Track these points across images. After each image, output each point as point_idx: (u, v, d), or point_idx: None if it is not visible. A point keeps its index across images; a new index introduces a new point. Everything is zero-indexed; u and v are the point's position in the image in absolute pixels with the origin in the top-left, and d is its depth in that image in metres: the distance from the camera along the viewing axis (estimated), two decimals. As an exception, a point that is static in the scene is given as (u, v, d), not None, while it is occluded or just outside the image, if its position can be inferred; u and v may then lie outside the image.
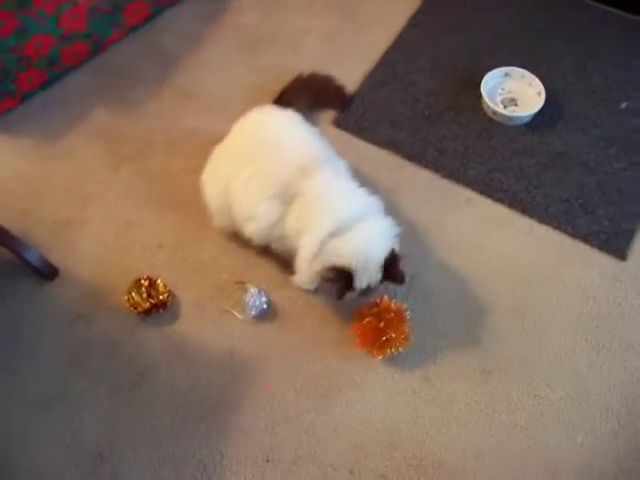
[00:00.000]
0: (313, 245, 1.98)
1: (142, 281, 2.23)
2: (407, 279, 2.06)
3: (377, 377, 2.11)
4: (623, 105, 2.67)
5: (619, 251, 2.32)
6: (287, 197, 2.01)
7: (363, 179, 2.16)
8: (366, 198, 2.06)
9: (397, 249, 2.03)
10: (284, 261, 2.22)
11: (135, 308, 2.20)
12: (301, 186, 1.99)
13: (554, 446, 1.99)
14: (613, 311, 2.22)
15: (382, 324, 2.08)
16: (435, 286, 2.27)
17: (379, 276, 2.01)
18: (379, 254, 1.98)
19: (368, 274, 1.98)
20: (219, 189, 2.15)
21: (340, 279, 1.97)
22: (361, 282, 1.99)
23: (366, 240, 1.97)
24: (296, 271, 2.11)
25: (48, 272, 2.30)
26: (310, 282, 2.16)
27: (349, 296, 2.03)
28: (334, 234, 1.96)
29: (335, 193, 2.01)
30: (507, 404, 2.06)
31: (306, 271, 2.06)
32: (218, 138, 2.23)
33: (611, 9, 2.99)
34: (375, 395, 2.08)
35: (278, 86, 2.42)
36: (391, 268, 2.01)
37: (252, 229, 2.11)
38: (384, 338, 2.07)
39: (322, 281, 2.05)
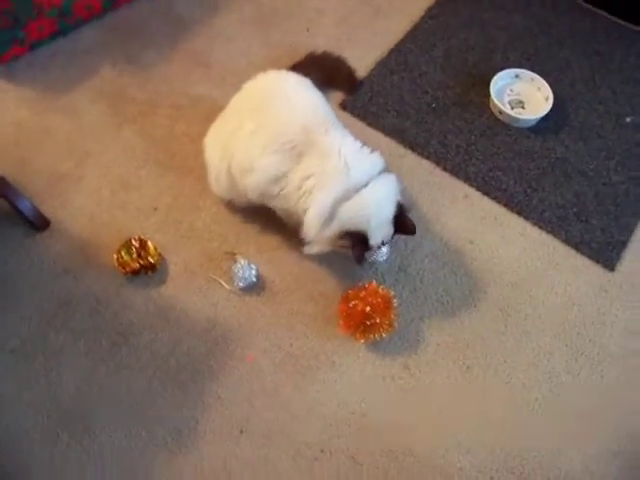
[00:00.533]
0: (325, 208, 1.97)
1: (133, 241, 2.23)
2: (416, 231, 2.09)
3: (357, 360, 2.12)
4: (628, 119, 2.68)
5: (608, 262, 2.34)
6: (292, 155, 1.99)
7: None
8: (371, 157, 2.06)
9: (402, 201, 2.08)
10: (280, 226, 2.24)
11: (123, 268, 2.20)
12: (309, 146, 1.98)
13: (524, 446, 2.01)
14: (596, 320, 2.23)
15: (368, 308, 2.08)
16: (424, 276, 2.27)
17: (391, 231, 2.06)
18: (389, 211, 2.02)
19: (381, 231, 2.02)
20: (220, 150, 2.15)
21: (357, 244, 2.00)
22: (376, 240, 2.03)
23: (376, 201, 1.99)
24: (304, 237, 2.08)
25: (39, 223, 2.29)
26: (322, 248, 2.12)
27: (367, 255, 2.11)
28: (345, 197, 1.97)
29: (345, 155, 1.99)
30: (482, 400, 2.08)
31: (317, 236, 2.04)
32: (223, 108, 2.22)
33: (626, 23, 3.00)
34: (353, 378, 2.09)
35: (289, 62, 2.38)
36: (401, 222, 2.05)
37: (251, 182, 2.07)
38: (368, 322, 2.08)
39: (337, 247, 2.07)
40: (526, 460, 1.99)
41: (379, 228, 2.01)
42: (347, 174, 1.97)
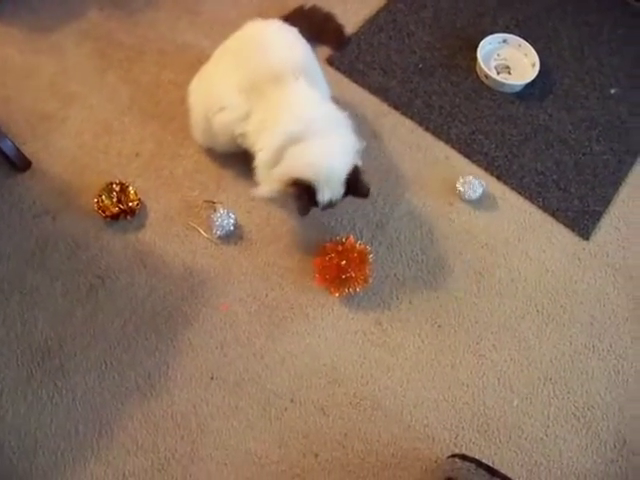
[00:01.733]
0: (271, 146, 1.97)
1: (114, 185, 2.23)
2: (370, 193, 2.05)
3: (330, 314, 2.14)
4: (612, 91, 2.70)
5: (583, 231, 2.37)
6: (258, 95, 1.99)
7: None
8: (333, 111, 2.05)
9: (360, 165, 2.02)
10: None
11: (103, 211, 2.20)
12: (271, 88, 1.98)
13: (490, 405, 2.05)
14: (568, 287, 2.27)
15: (344, 262, 2.11)
16: (401, 234, 2.29)
17: (342, 191, 2.00)
18: (341, 168, 1.97)
19: (331, 188, 1.97)
20: (202, 96, 2.16)
21: (302, 194, 1.96)
22: (324, 196, 1.98)
23: (328, 152, 1.97)
24: (257, 180, 2.08)
25: (20, 164, 2.28)
26: (270, 191, 2.07)
27: (312, 211, 2.03)
28: (294, 139, 1.95)
29: (300, 98, 1.99)
30: (452, 359, 2.11)
31: (265, 178, 2.04)
32: (211, 57, 2.20)
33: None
34: (326, 331, 2.12)
35: (278, 15, 2.35)
36: (354, 183, 2.00)
37: (221, 120, 2.09)
38: (343, 276, 2.11)
39: (284, 194, 2.03)
40: (491, 419, 2.03)
41: (328, 184, 1.96)
42: (295, 117, 1.95)
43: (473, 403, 2.06)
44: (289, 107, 1.97)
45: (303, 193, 1.96)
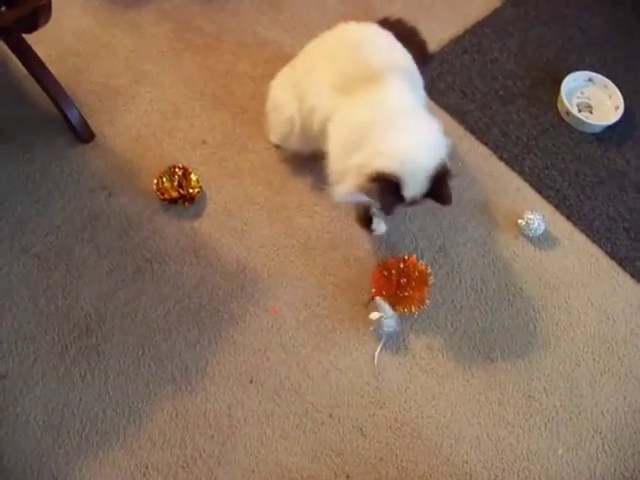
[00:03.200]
0: (348, 131, 1.85)
1: (177, 169, 2.18)
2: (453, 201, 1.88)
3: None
4: (695, 145, 2.62)
5: (650, 284, 2.29)
6: (345, 93, 1.89)
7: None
8: (422, 108, 1.94)
9: (448, 165, 1.86)
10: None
11: (162, 194, 2.16)
12: (364, 86, 1.87)
13: (534, 450, 1.96)
14: (628, 339, 2.18)
15: (403, 280, 2.04)
16: (462, 261, 2.22)
17: (425, 189, 1.81)
18: (428, 161, 1.79)
19: (417, 182, 1.79)
20: (289, 93, 2.08)
21: (387, 189, 1.78)
22: (409, 191, 1.79)
23: (415, 143, 1.81)
24: (330, 176, 1.96)
25: (84, 135, 2.25)
26: (349, 189, 1.87)
27: (398, 209, 1.86)
28: (373, 124, 1.82)
29: (388, 90, 1.87)
30: (500, 396, 2.03)
31: (339, 176, 1.90)
32: (290, 55, 2.17)
33: None
34: (374, 349, 2.04)
35: (363, 22, 2.35)
36: (440, 182, 1.81)
37: (310, 119, 1.99)
38: (401, 294, 2.04)
39: (364, 191, 1.82)
40: (533, 465, 1.94)
41: (414, 177, 1.77)
42: (385, 106, 1.84)
43: (517, 445, 1.96)
44: (374, 96, 1.86)
45: (388, 188, 1.77)
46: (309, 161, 2.14)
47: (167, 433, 1.87)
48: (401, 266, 2.08)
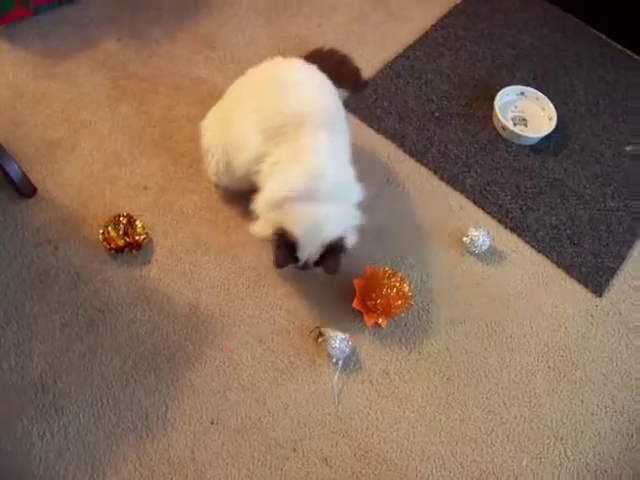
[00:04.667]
0: (274, 195, 1.94)
1: (121, 218, 2.18)
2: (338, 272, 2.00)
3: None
4: (628, 148, 2.68)
5: (597, 287, 2.32)
6: (273, 136, 1.95)
7: (362, 165, 2.12)
8: (345, 175, 2.01)
9: (350, 241, 2.02)
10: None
11: (109, 243, 2.14)
12: (290, 132, 1.93)
13: (498, 464, 1.98)
14: (580, 344, 2.22)
15: (389, 291, 2.12)
16: (411, 284, 2.22)
17: (317, 255, 1.98)
18: (327, 235, 1.95)
19: (310, 249, 1.95)
20: (218, 132, 2.11)
21: (284, 245, 1.93)
22: (303, 254, 1.96)
23: (323, 215, 1.93)
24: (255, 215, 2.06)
25: (26, 189, 2.22)
26: (261, 233, 2.03)
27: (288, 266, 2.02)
28: (298, 198, 1.92)
29: (317, 155, 1.94)
30: (461, 413, 2.05)
31: (261, 219, 2.01)
32: (222, 94, 2.18)
33: (636, 56, 3.02)
34: (332, 379, 2.05)
35: (296, 55, 2.34)
36: (331, 255, 1.97)
37: (238, 160, 2.04)
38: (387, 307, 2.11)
39: (269, 240, 2.01)
40: (499, 478, 1.96)
41: (311, 244, 1.94)
42: (312, 179, 1.91)
43: (481, 460, 1.99)
44: (305, 167, 1.93)
45: (284, 244, 1.94)
46: (251, 197, 2.14)
47: (132, 484, 1.86)
48: (379, 275, 2.14)
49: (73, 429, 1.89)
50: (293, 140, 1.93)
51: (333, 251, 1.96)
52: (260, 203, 2.00)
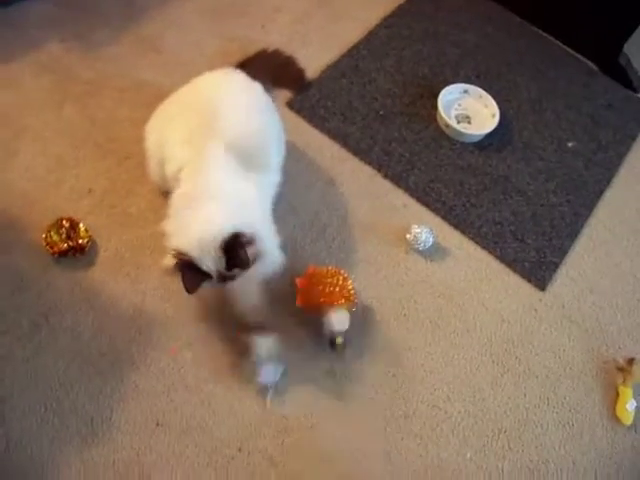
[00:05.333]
0: (173, 205, 1.91)
1: (64, 221, 2.16)
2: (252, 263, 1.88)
3: (283, 362, 2.08)
4: (570, 144, 2.73)
5: (540, 282, 2.36)
6: (191, 152, 1.95)
7: (305, 165, 2.14)
8: (242, 184, 1.95)
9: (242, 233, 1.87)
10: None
11: (51, 247, 2.13)
12: (200, 155, 1.93)
13: (444, 458, 2.01)
14: (524, 338, 2.25)
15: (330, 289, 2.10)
16: (355, 282, 2.21)
17: (223, 260, 1.83)
18: (212, 236, 1.81)
19: (209, 258, 1.82)
20: (157, 137, 2.10)
21: (184, 267, 1.82)
22: (208, 266, 1.83)
23: (201, 220, 1.84)
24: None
25: (-33, 195, 2.21)
26: (168, 260, 1.90)
27: (204, 285, 1.88)
28: (190, 200, 1.88)
29: (212, 164, 1.92)
30: (405, 410, 2.07)
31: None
32: (169, 95, 2.16)
33: (577, 55, 3.09)
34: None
35: (241, 57, 2.34)
36: (232, 251, 1.81)
37: (168, 171, 2.03)
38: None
39: (172, 271, 1.88)
40: (445, 472, 1.99)
41: (205, 253, 1.81)
42: (199, 181, 1.90)
43: (426, 455, 2.01)
44: (198, 171, 1.92)
45: (184, 267, 1.83)
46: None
47: (76, 489, 1.85)
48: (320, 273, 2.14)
49: (15, 437, 1.87)
50: (200, 160, 1.93)
51: (234, 248, 1.82)
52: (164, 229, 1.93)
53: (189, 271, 1.81)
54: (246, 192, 1.96)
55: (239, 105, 2.06)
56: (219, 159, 1.93)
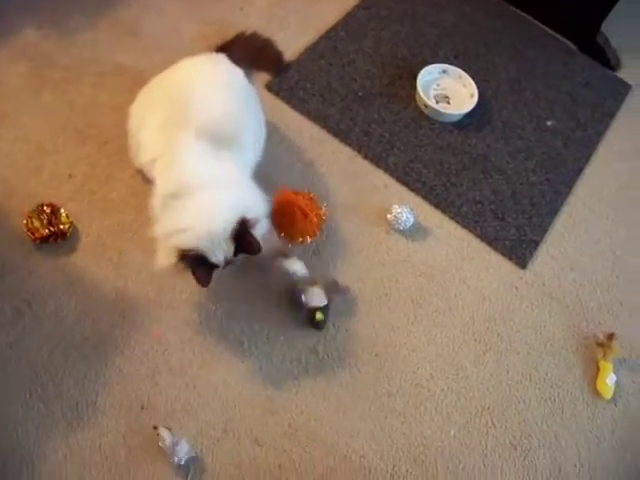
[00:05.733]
0: (156, 205, 1.90)
1: (44, 207, 2.16)
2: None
3: (266, 343, 2.10)
4: (549, 123, 2.76)
5: (520, 260, 2.39)
6: (166, 141, 1.94)
7: (285, 147, 2.14)
8: (221, 165, 1.95)
9: (257, 217, 1.92)
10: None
11: (33, 234, 2.13)
12: (175, 138, 1.92)
13: (427, 435, 2.03)
14: (505, 316, 2.28)
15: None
16: (337, 262, 2.27)
17: (232, 249, 1.88)
18: (221, 226, 1.84)
19: (220, 248, 1.86)
20: (138, 120, 2.10)
21: (194, 263, 1.84)
22: (217, 257, 1.87)
23: (203, 213, 1.86)
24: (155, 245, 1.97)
25: (-53, 183, 2.20)
26: (166, 262, 1.89)
27: (216, 273, 1.91)
28: (174, 196, 1.87)
29: (186, 155, 1.92)
30: (389, 388, 2.09)
31: (160, 247, 1.92)
32: (150, 79, 2.16)
33: (555, 34, 3.10)
34: (260, 360, 2.07)
35: (219, 40, 2.33)
36: (243, 239, 1.86)
37: (140, 159, 2.06)
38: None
39: (179, 269, 1.89)
40: (429, 449, 2.02)
41: (215, 244, 1.84)
42: (176, 175, 1.89)
43: (410, 433, 2.03)
44: (173, 164, 1.91)
45: (195, 262, 1.85)
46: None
47: (63, 474, 1.84)
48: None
49: (1, 422, 1.88)
50: (174, 146, 1.93)
51: (242, 236, 1.87)
52: (157, 231, 1.91)
53: (199, 266, 1.84)
54: (227, 172, 1.96)
55: (211, 89, 2.04)
56: (191, 148, 1.91)
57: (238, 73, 2.13)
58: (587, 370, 2.23)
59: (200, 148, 1.92)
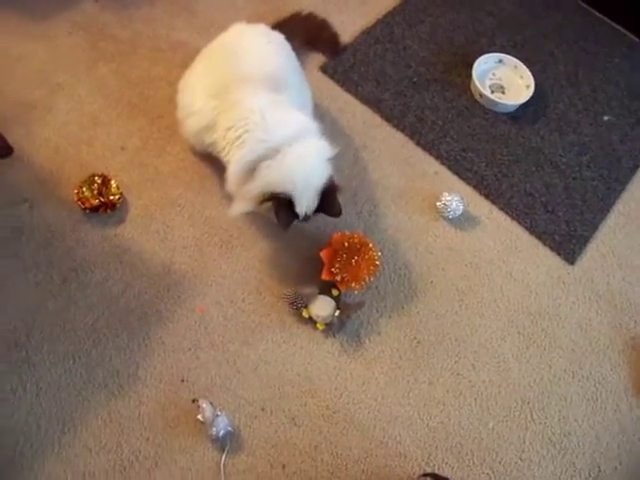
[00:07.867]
0: (240, 165, 1.92)
1: (96, 178, 2.18)
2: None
3: (307, 323, 2.09)
4: (605, 118, 2.69)
5: (569, 255, 2.35)
6: (221, 101, 1.97)
7: (338, 130, 2.13)
8: (300, 120, 1.99)
9: (335, 179, 1.98)
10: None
11: (83, 203, 2.15)
12: (237, 95, 1.94)
13: (465, 425, 2.02)
14: (551, 311, 2.24)
15: (355, 259, 2.08)
16: (384, 247, 2.25)
17: (315, 203, 1.96)
18: (318, 178, 1.93)
19: (307, 199, 1.93)
20: (188, 94, 2.11)
21: (282, 208, 1.92)
22: (301, 208, 1.94)
23: (304, 163, 1.92)
24: (229, 192, 2.06)
25: (2, 149, 2.23)
26: (246, 208, 2.03)
27: (294, 224, 1.99)
28: (266, 155, 1.90)
29: (264, 112, 1.92)
30: (429, 376, 2.08)
31: (239, 194, 1.99)
32: (202, 55, 2.18)
33: (617, 26, 3.02)
34: (301, 340, 2.08)
35: (274, 19, 2.36)
36: (329, 198, 1.96)
37: (189, 127, 2.09)
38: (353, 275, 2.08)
39: (260, 210, 2.00)
40: (465, 440, 2.00)
41: (305, 194, 1.92)
42: (265, 131, 1.90)
43: (448, 422, 2.02)
44: (257, 119, 1.91)
45: (283, 207, 1.92)
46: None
47: (102, 439, 1.87)
48: (346, 244, 2.10)
49: (45, 385, 1.91)
50: (242, 102, 1.93)
51: (329, 194, 1.95)
52: (231, 176, 1.97)
53: (285, 209, 1.91)
54: (306, 119, 2.01)
55: (260, 43, 2.08)
56: (264, 101, 1.94)
57: (278, 36, 2.15)
58: (632, 371, 2.18)
59: (271, 99, 1.95)
